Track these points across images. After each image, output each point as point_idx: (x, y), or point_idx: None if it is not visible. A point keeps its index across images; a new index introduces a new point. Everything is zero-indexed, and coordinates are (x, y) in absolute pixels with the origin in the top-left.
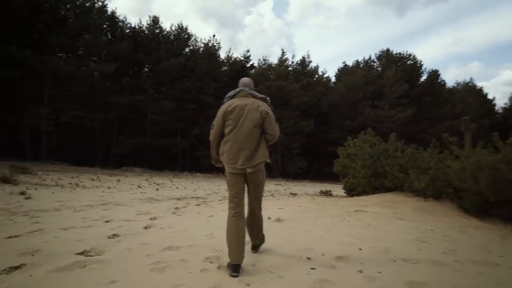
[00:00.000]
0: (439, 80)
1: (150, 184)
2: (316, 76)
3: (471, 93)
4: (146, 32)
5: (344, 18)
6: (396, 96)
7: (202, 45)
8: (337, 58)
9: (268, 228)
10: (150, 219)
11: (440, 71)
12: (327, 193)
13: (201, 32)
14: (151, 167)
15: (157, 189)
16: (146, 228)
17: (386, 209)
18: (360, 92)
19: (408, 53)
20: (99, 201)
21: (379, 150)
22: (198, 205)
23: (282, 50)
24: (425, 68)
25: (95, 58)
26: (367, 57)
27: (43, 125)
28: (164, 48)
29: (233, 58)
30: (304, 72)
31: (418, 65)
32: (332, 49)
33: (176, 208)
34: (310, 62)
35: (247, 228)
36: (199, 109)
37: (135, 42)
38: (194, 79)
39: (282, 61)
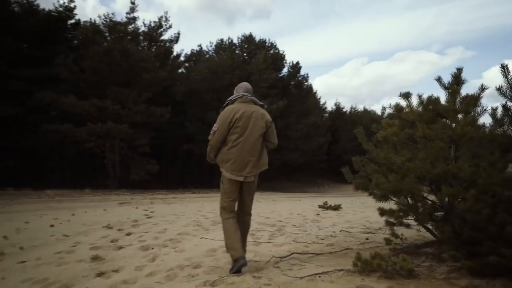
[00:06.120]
0: (298, 75)
1: None
2: (177, 48)
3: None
4: None
5: (176, 18)
6: (266, 86)
7: None
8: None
9: None
10: None
11: None
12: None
13: None
14: None
15: None
16: None
17: None
18: (226, 77)
19: (270, 41)
20: None
21: None
22: None
23: (132, 1)
24: (285, 61)
25: None
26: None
27: None
28: None
29: (45, 10)
30: (160, 39)
31: (280, 55)
32: None
33: None
34: (170, 27)
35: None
36: None
37: None
38: None
39: (130, 18)
